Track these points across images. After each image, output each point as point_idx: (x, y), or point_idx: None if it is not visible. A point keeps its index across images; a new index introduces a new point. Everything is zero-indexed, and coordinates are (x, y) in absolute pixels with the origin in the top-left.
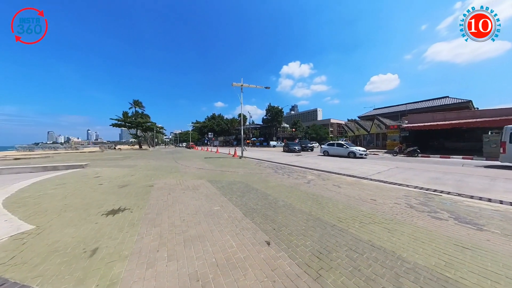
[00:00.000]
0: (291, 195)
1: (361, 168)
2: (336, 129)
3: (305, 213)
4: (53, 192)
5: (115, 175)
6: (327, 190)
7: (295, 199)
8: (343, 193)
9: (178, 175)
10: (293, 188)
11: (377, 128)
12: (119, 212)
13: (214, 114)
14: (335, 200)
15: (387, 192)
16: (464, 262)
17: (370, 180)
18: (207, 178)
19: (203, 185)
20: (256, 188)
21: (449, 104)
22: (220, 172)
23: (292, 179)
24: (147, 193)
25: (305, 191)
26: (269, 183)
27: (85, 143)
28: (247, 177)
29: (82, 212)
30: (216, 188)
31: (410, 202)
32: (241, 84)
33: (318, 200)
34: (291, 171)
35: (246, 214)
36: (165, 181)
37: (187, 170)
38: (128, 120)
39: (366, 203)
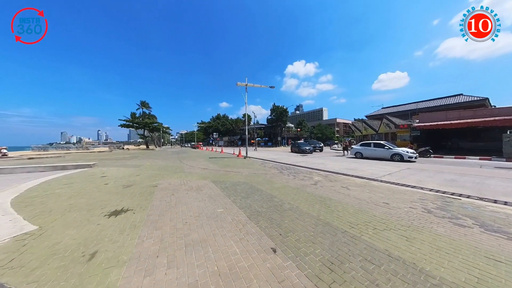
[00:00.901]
0: (298, 197)
1: (370, 169)
2: (342, 129)
3: (313, 217)
4: (60, 192)
5: (121, 174)
6: (335, 192)
7: (302, 201)
8: (352, 196)
9: (182, 175)
10: (299, 190)
11: (386, 127)
12: (122, 213)
13: (219, 114)
14: (344, 203)
15: (400, 195)
16: (500, 279)
17: (380, 182)
18: (211, 178)
19: (207, 185)
20: (260, 189)
21: (463, 102)
22: (224, 173)
23: (298, 180)
24: (151, 193)
25: (312, 193)
26: (274, 184)
27: (96, 143)
28: (251, 177)
29: (85, 212)
30: (220, 189)
31: (427, 207)
32: (245, 83)
33: (327, 203)
34: (296, 171)
35: (250, 217)
36: (170, 181)
37: (192, 170)
38: (135, 120)
39: (378, 207)
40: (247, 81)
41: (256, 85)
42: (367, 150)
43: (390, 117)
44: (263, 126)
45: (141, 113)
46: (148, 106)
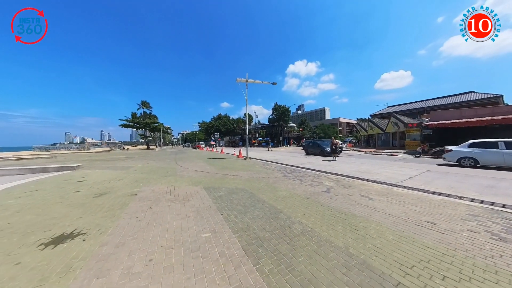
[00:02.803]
0: (310, 211)
1: (385, 171)
2: (345, 128)
3: (339, 249)
4: (11, 203)
5: (101, 179)
6: (356, 204)
7: (317, 219)
8: (380, 210)
9: (172, 179)
10: (310, 201)
11: (394, 126)
12: (67, 240)
13: (220, 114)
14: (375, 222)
15: (439, 208)
16: None
17: (404, 189)
18: (204, 183)
19: (197, 194)
20: (262, 200)
21: (475, 100)
22: (221, 176)
23: (306, 186)
24: (123, 206)
25: (328, 206)
26: (278, 191)
27: (99, 144)
28: (251, 182)
29: (17, 238)
30: (212, 199)
31: (490, 228)
32: (246, 79)
33: (351, 223)
34: (302, 175)
35: (247, 250)
36: (154, 187)
37: (185, 173)
38: (136, 120)
39: (424, 230)
40: (248, 78)
41: (257, 81)
42: (489, 154)
43: (398, 115)
44: (264, 126)
45: (142, 113)
46: (148, 106)
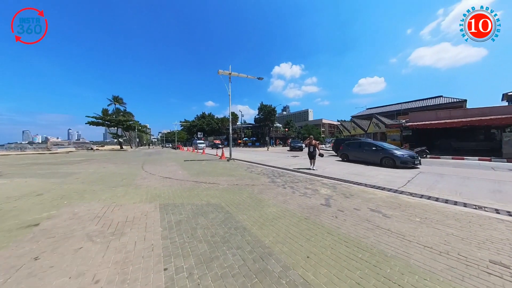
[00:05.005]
0: (316, 249)
1: (379, 173)
2: (327, 129)
3: None
4: None
5: (13, 193)
6: (374, 227)
7: (330, 268)
8: (411, 238)
9: (121, 192)
10: (310, 223)
11: (375, 127)
12: None
13: (204, 113)
14: (421, 270)
15: (478, 229)
16: None
17: (411, 196)
18: (163, 198)
19: (144, 218)
20: (242, 226)
21: (443, 104)
22: (192, 185)
23: (299, 196)
24: None
25: (338, 234)
26: (265, 207)
27: (65, 143)
28: (230, 194)
29: None
30: (164, 229)
31: None
32: (229, 72)
33: (388, 275)
34: (293, 180)
35: None
36: (81, 208)
37: (145, 182)
38: (107, 118)
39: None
40: (231, 70)
41: (241, 74)
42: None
43: (379, 116)
44: (250, 126)
45: (114, 110)
46: (121, 102)
